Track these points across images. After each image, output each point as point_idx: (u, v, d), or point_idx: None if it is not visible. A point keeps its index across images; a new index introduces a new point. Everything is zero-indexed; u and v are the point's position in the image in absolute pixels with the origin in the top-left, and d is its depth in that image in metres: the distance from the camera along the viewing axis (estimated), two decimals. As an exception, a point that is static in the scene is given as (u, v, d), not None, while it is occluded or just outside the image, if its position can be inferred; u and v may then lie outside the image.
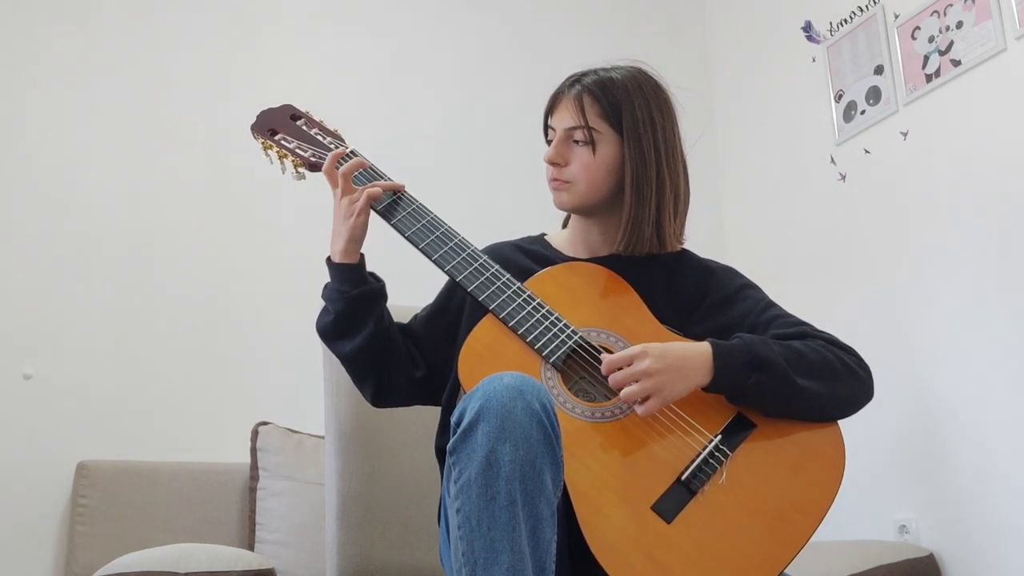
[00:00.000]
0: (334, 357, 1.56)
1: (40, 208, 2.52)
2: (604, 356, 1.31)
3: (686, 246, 1.57)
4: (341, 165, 1.47)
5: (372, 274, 1.51)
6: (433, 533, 1.58)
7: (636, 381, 1.27)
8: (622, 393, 1.27)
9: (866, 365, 1.42)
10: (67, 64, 2.63)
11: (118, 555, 1.64)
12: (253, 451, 2.35)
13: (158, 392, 2.51)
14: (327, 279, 1.50)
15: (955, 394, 2.36)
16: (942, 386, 2.41)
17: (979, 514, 2.27)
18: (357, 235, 1.45)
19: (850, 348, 1.43)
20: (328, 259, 1.48)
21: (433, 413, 1.55)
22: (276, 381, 2.59)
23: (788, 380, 1.32)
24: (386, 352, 1.49)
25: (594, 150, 1.46)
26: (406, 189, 1.50)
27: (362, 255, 1.49)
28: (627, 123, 1.46)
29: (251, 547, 2.26)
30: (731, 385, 1.32)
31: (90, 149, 2.60)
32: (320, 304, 1.52)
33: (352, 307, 1.45)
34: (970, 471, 2.31)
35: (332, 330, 1.48)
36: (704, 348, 1.33)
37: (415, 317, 1.60)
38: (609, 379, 1.29)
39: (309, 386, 2.09)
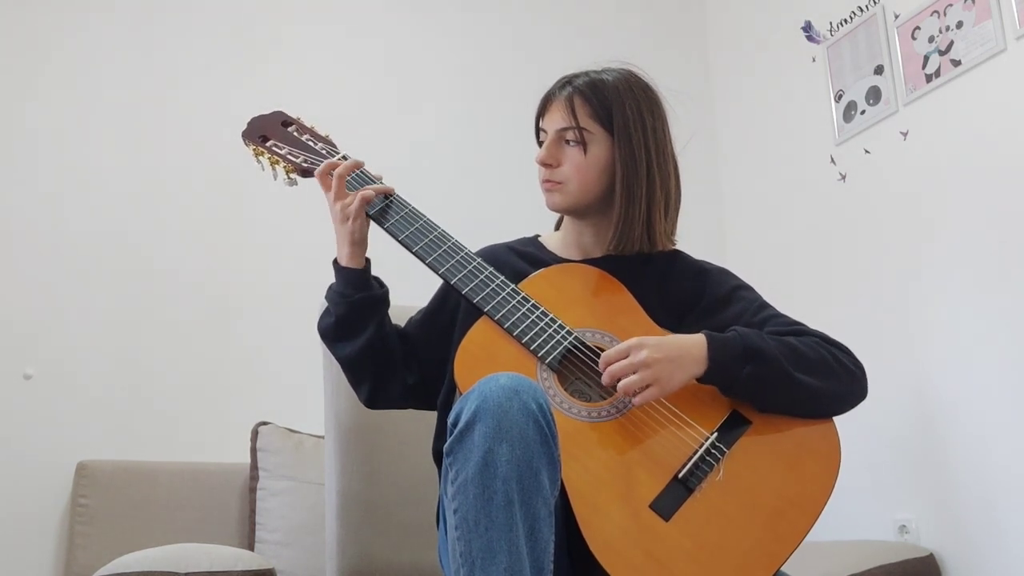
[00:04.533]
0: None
1: (41, 209, 2.52)
2: (603, 355, 1.31)
3: (685, 246, 1.58)
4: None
5: (376, 279, 1.52)
6: (433, 533, 1.58)
7: (634, 372, 1.27)
8: (620, 384, 1.27)
9: (859, 363, 1.42)
10: (69, 64, 2.63)
11: (118, 555, 1.64)
12: (253, 451, 2.35)
13: (158, 392, 2.52)
14: (329, 280, 1.51)
15: (955, 394, 2.36)
16: (942, 386, 2.41)
17: (979, 514, 2.27)
18: (358, 239, 1.46)
19: (843, 345, 1.43)
20: (335, 261, 1.49)
21: (434, 412, 1.55)
22: (276, 381, 2.60)
23: (782, 373, 1.32)
24: (384, 358, 1.50)
25: (585, 150, 1.47)
26: (397, 192, 1.50)
27: (368, 259, 1.50)
28: (618, 123, 1.46)
29: (251, 547, 2.26)
30: (725, 376, 1.32)
31: (91, 150, 2.61)
32: (322, 304, 1.54)
33: (353, 311, 1.46)
34: (970, 471, 2.31)
35: (332, 332, 1.50)
36: (699, 339, 1.33)
37: (410, 320, 1.60)
38: (606, 371, 1.29)
39: (309, 386, 2.09)
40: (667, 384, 1.29)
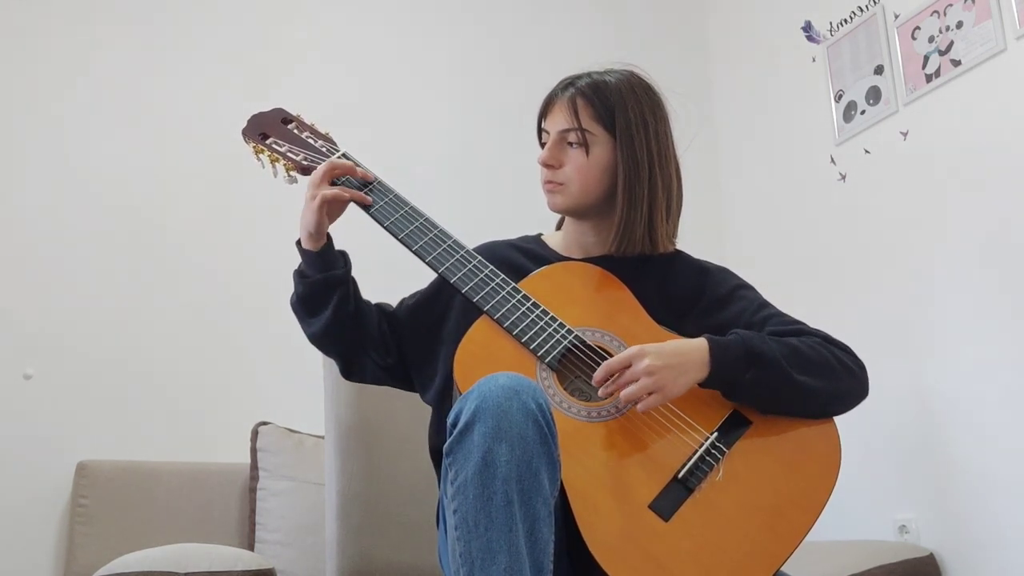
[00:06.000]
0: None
1: (40, 209, 2.52)
2: (603, 364, 1.30)
3: (685, 246, 1.58)
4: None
5: (342, 254, 1.50)
6: (433, 533, 1.58)
7: (636, 380, 1.27)
8: (623, 393, 1.27)
9: (860, 362, 1.42)
10: (69, 63, 2.63)
11: (118, 555, 1.65)
12: (253, 451, 2.35)
13: (158, 392, 2.51)
14: None
15: (955, 394, 2.36)
16: (942, 386, 2.41)
17: (979, 514, 2.27)
18: (314, 231, 1.45)
19: (844, 345, 1.44)
20: (298, 241, 1.48)
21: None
22: (276, 381, 2.59)
23: (784, 375, 1.32)
24: (350, 334, 1.49)
25: (587, 152, 1.47)
26: (400, 192, 1.49)
27: (329, 237, 1.48)
28: (620, 125, 1.46)
29: (251, 547, 2.26)
30: (727, 380, 1.32)
31: (91, 149, 2.61)
32: None
33: (312, 291, 1.47)
34: (970, 471, 2.31)
35: (298, 309, 1.51)
36: (700, 343, 1.33)
37: (401, 302, 1.60)
38: (610, 382, 1.29)
39: (309, 386, 2.09)
40: (669, 391, 1.29)
